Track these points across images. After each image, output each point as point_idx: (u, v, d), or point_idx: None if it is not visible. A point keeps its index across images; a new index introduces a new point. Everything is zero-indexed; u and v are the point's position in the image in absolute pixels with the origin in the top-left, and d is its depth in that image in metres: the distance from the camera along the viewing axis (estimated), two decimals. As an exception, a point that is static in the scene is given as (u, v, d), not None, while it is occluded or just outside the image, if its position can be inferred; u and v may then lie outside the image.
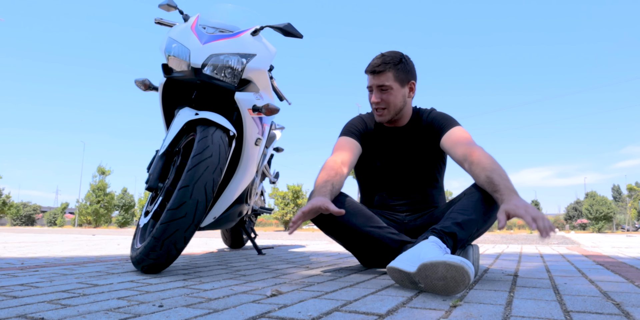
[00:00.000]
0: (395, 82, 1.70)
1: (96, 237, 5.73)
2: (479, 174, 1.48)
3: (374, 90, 1.71)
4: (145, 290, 1.15)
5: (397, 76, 1.69)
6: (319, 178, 1.59)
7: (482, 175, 1.46)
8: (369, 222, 1.53)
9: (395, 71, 1.69)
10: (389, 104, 1.71)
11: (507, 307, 0.93)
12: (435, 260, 1.06)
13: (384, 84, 1.68)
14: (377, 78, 1.69)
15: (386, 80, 1.68)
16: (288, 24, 1.91)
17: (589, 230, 24.19)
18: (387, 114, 1.74)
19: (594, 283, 1.31)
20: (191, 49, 1.68)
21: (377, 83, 1.69)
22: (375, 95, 1.71)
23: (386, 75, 1.68)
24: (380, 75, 1.68)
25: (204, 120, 1.62)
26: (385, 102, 1.71)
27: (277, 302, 0.98)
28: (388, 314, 0.86)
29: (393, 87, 1.69)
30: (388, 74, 1.68)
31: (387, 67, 1.68)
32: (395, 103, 1.72)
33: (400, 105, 1.74)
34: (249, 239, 2.69)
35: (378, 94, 1.71)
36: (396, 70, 1.69)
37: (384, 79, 1.68)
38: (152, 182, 1.60)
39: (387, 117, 1.75)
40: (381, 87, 1.69)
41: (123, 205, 27.94)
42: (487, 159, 1.50)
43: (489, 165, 1.47)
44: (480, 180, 1.48)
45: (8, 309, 0.89)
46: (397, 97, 1.71)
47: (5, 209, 30.93)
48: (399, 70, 1.69)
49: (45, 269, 1.68)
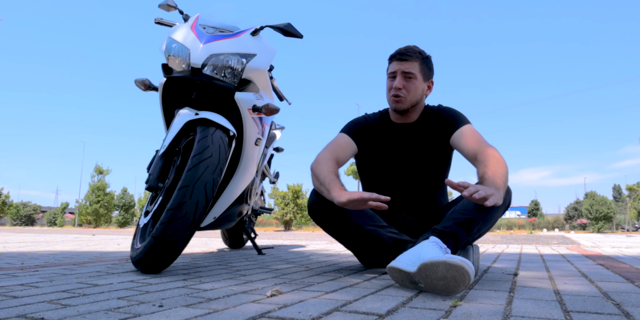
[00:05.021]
0: (420, 74, 1.71)
1: (96, 237, 5.73)
2: (478, 171, 1.48)
3: (398, 76, 1.70)
4: (145, 290, 1.15)
5: (422, 69, 1.71)
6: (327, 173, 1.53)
7: (480, 172, 1.46)
8: (370, 221, 1.53)
9: (421, 63, 1.71)
10: (409, 92, 1.71)
11: (507, 307, 0.93)
12: (436, 260, 1.06)
13: (411, 71, 1.69)
14: (404, 64, 1.69)
15: (412, 68, 1.69)
16: (288, 24, 1.91)
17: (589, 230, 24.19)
18: (404, 102, 1.72)
19: (594, 283, 1.31)
20: (191, 49, 1.68)
21: (404, 69, 1.69)
22: (399, 81, 1.70)
23: (413, 63, 1.69)
24: (408, 62, 1.69)
25: (204, 120, 1.62)
26: (406, 89, 1.70)
27: (277, 302, 0.98)
28: (388, 314, 0.86)
29: (417, 77, 1.70)
30: (415, 63, 1.69)
31: (415, 57, 1.69)
32: (415, 93, 1.72)
33: (418, 98, 1.74)
34: (249, 239, 2.69)
35: (402, 81, 1.70)
36: (422, 62, 1.71)
37: (411, 67, 1.69)
38: (152, 182, 1.60)
39: (404, 106, 1.73)
40: (407, 74, 1.69)
41: (123, 205, 27.91)
42: (494, 158, 1.48)
43: (492, 165, 1.46)
44: (477, 176, 1.48)
45: (8, 309, 0.89)
46: (417, 88, 1.72)
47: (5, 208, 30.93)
48: (424, 63, 1.72)
49: (45, 269, 1.68)
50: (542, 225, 29.72)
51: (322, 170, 1.55)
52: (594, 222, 23.54)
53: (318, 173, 1.55)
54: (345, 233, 1.57)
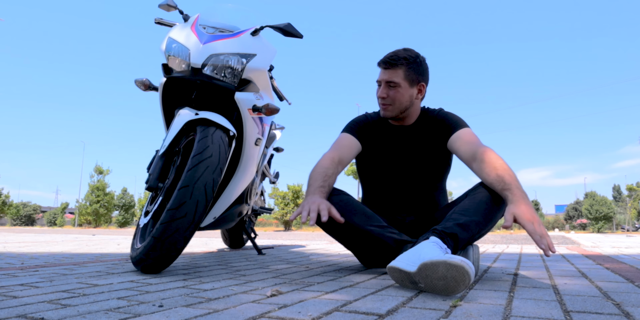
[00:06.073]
0: (404, 81, 1.69)
1: (96, 237, 5.73)
2: (489, 173, 1.47)
3: (382, 85, 1.71)
4: (145, 290, 1.15)
5: (407, 75, 1.69)
6: (317, 174, 1.59)
7: (493, 174, 1.45)
8: (370, 221, 1.53)
9: (406, 69, 1.68)
10: (394, 101, 1.71)
11: (507, 307, 0.93)
12: (436, 260, 1.06)
13: (393, 80, 1.68)
14: (386, 73, 1.69)
15: (395, 76, 1.68)
16: (288, 24, 1.91)
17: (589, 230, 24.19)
18: (391, 110, 1.73)
19: (594, 283, 1.31)
20: (191, 49, 1.68)
21: (386, 78, 1.69)
22: (382, 91, 1.70)
23: (397, 71, 1.68)
24: (391, 71, 1.68)
25: (204, 120, 1.62)
26: (391, 98, 1.70)
27: (277, 302, 0.98)
28: (388, 314, 0.86)
29: (401, 85, 1.69)
30: (398, 71, 1.68)
31: (399, 64, 1.67)
32: (401, 101, 1.71)
33: (406, 104, 1.73)
34: (249, 239, 2.69)
35: (385, 90, 1.70)
36: (408, 68, 1.68)
37: (394, 75, 1.68)
38: (152, 182, 1.60)
39: (392, 114, 1.74)
40: (389, 83, 1.69)
41: (123, 205, 27.92)
42: (498, 159, 1.50)
43: (501, 166, 1.47)
44: (490, 178, 1.46)
45: (8, 309, 0.89)
46: (403, 95, 1.70)
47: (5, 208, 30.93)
48: (410, 69, 1.68)
49: (45, 269, 1.68)
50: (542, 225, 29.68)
51: (315, 170, 1.60)
52: (594, 222, 23.54)
53: (312, 172, 1.61)
54: (345, 233, 1.57)
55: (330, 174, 1.60)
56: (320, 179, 1.56)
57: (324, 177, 1.58)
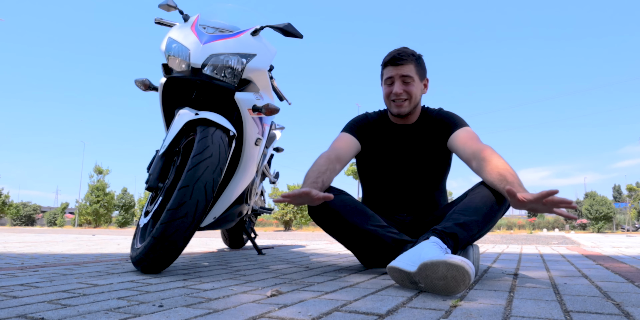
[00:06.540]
0: (416, 75, 1.72)
1: (96, 237, 5.73)
2: (490, 171, 1.47)
3: (397, 81, 1.71)
4: (145, 290, 1.15)
5: (418, 70, 1.72)
6: (310, 172, 1.59)
7: (494, 172, 1.45)
8: (370, 221, 1.53)
9: (416, 64, 1.71)
10: (411, 95, 1.72)
11: (507, 307, 0.93)
12: (436, 260, 1.06)
13: (408, 74, 1.69)
14: (400, 68, 1.70)
15: (409, 71, 1.70)
16: (288, 24, 1.91)
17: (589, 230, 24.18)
18: (407, 106, 1.73)
19: (594, 283, 1.31)
20: (191, 49, 1.68)
21: (402, 73, 1.69)
22: (399, 86, 1.70)
23: (409, 66, 1.69)
24: (404, 66, 1.69)
25: (204, 120, 1.62)
26: (407, 93, 1.71)
27: (277, 302, 0.98)
28: (388, 314, 0.86)
29: (415, 80, 1.71)
30: (410, 66, 1.70)
31: (409, 59, 1.69)
32: (417, 95, 1.73)
33: (419, 99, 1.76)
34: (249, 239, 2.69)
35: (401, 85, 1.70)
36: (417, 63, 1.72)
37: (408, 70, 1.69)
38: (152, 182, 1.60)
39: (407, 109, 1.74)
40: (404, 78, 1.70)
41: (123, 205, 27.93)
42: (499, 158, 1.50)
43: (502, 164, 1.46)
44: (491, 176, 1.46)
45: (8, 309, 0.89)
46: (418, 89, 1.73)
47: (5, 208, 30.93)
48: (419, 64, 1.73)
49: (45, 269, 1.68)
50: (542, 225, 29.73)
51: (310, 169, 1.61)
52: (594, 222, 23.54)
53: (308, 172, 1.61)
54: (345, 233, 1.57)
55: (324, 170, 1.59)
56: (314, 176, 1.57)
57: (318, 174, 1.58)
